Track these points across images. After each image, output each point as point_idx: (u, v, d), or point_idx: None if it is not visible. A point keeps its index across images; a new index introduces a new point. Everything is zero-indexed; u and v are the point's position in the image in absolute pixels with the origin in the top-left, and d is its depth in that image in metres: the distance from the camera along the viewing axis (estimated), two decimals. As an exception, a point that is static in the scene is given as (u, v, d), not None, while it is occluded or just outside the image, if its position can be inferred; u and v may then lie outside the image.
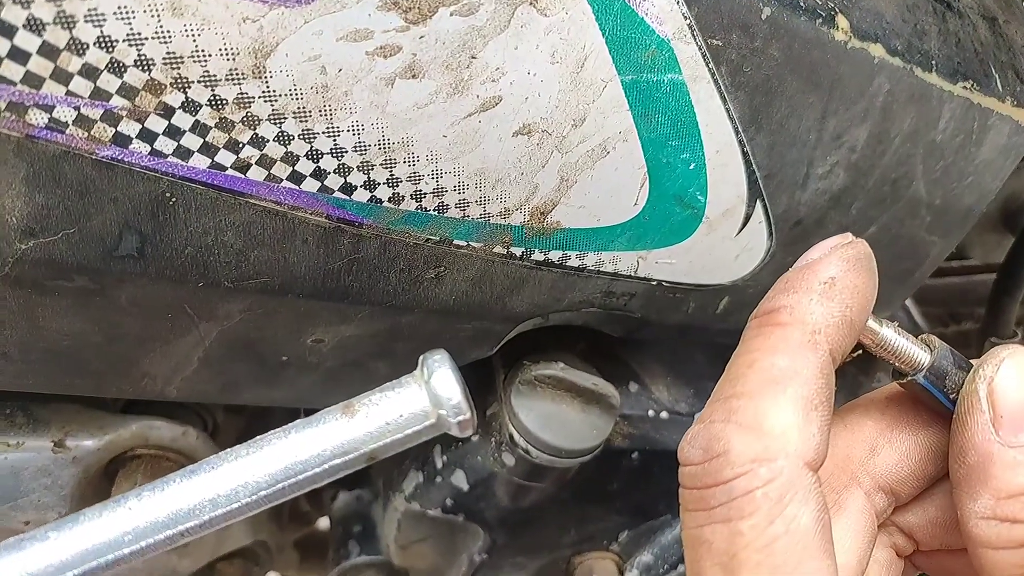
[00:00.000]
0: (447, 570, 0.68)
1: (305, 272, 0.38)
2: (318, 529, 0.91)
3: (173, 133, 0.31)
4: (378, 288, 0.40)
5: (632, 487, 0.63)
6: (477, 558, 0.65)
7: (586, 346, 0.60)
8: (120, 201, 0.33)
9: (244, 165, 0.33)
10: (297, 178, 0.34)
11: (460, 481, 0.59)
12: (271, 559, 0.73)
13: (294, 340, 0.43)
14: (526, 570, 0.69)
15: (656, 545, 0.66)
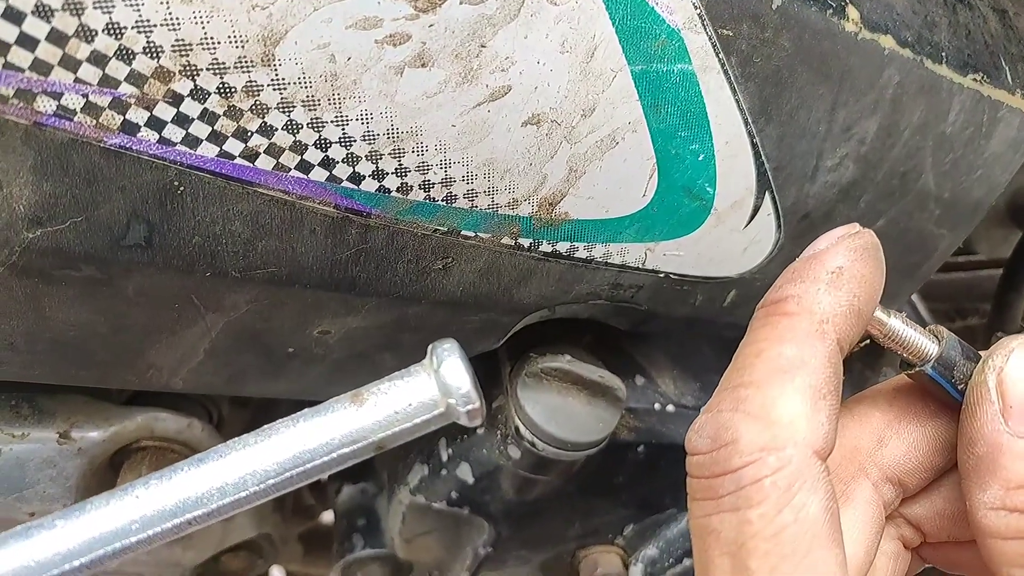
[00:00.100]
0: (452, 563, 0.68)
1: (312, 262, 0.38)
2: (322, 522, 0.91)
3: (181, 121, 0.31)
4: (385, 279, 0.40)
5: (638, 480, 0.63)
6: (482, 551, 0.65)
7: (592, 339, 0.59)
8: (128, 190, 0.33)
9: (252, 154, 0.33)
10: (305, 167, 0.34)
11: (465, 474, 0.59)
12: (275, 552, 0.73)
13: (300, 331, 0.43)
14: (531, 564, 0.69)
15: (661, 539, 0.66)
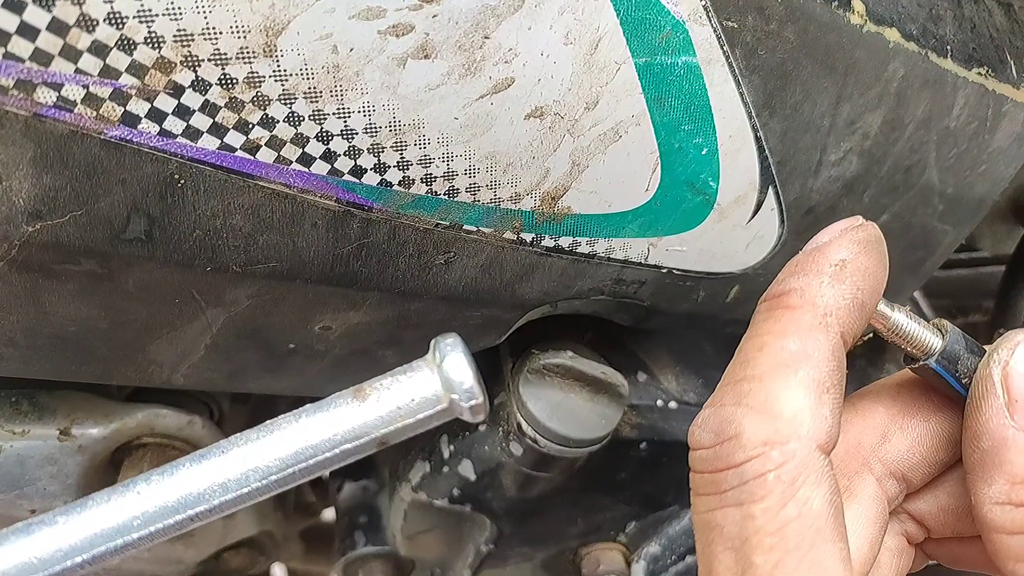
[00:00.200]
0: (453, 561, 0.68)
1: (314, 257, 0.38)
2: (323, 520, 0.91)
3: (182, 113, 0.31)
4: (387, 274, 0.40)
5: (640, 477, 0.63)
6: (484, 549, 0.65)
7: (594, 335, 0.59)
8: (128, 183, 0.32)
9: (253, 146, 0.33)
10: (307, 160, 0.34)
11: (467, 471, 0.59)
12: (277, 549, 0.73)
13: (302, 327, 0.43)
14: (533, 561, 0.69)
15: (664, 536, 0.66)
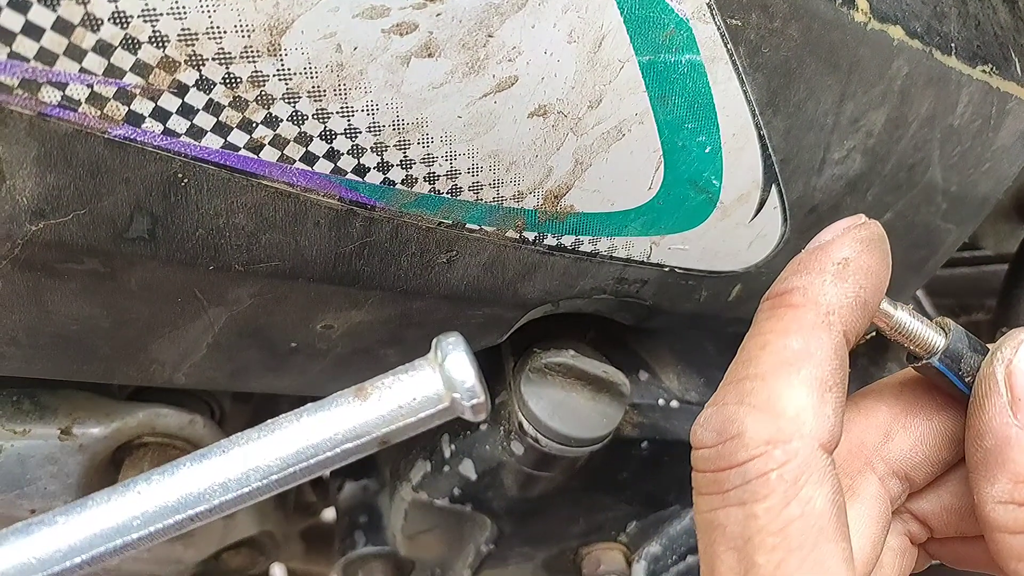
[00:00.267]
0: (454, 561, 0.68)
1: (316, 255, 0.38)
2: (324, 519, 0.91)
3: (186, 112, 0.31)
4: (389, 272, 0.40)
5: (641, 477, 0.62)
6: (484, 548, 0.65)
7: (596, 334, 0.59)
8: (132, 182, 0.32)
9: (257, 145, 0.33)
10: (310, 159, 0.34)
11: (468, 470, 0.59)
12: (277, 549, 0.73)
13: (304, 326, 0.43)
14: (533, 561, 0.69)
15: (665, 536, 0.66)
